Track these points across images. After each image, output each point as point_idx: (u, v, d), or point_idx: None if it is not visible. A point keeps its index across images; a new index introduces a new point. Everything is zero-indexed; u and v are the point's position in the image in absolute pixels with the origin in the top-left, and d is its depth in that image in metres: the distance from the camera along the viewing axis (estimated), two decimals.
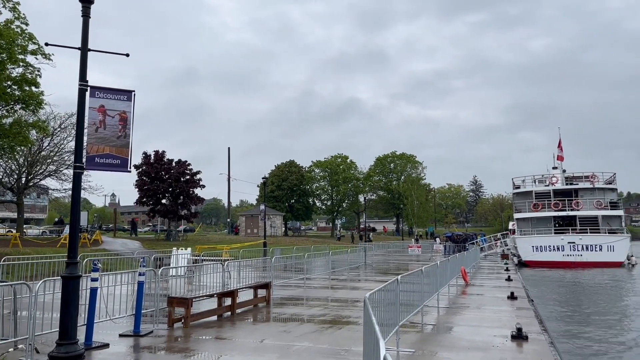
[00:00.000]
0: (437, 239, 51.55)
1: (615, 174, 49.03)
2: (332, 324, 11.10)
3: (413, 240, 61.81)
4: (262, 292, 14.08)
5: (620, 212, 46.81)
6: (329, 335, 9.91)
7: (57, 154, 41.72)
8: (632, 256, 43.94)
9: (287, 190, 77.69)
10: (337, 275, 23.22)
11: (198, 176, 48.38)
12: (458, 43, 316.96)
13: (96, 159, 8.21)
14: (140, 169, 46.39)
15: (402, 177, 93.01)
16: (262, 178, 42.36)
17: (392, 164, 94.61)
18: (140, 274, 10.11)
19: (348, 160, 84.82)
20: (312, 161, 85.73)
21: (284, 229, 76.98)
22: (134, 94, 8.55)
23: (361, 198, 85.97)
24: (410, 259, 38.17)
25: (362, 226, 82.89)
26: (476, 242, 46.01)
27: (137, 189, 46.58)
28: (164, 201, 47.40)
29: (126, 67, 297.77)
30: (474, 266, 28.06)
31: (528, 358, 8.28)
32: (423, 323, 11.02)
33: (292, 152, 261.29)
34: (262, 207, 47.17)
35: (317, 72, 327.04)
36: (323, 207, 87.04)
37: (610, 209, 46.08)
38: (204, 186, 48.58)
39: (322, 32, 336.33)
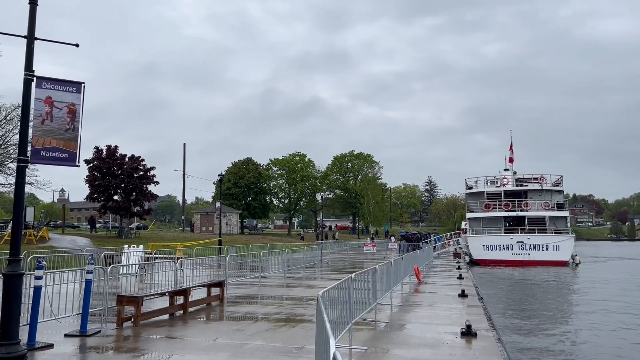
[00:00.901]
0: (392, 238, 52.32)
1: (562, 176, 51.08)
2: (286, 322, 11.08)
3: (368, 238, 62.48)
4: (215, 291, 13.90)
5: (566, 213, 48.79)
6: (282, 333, 9.88)
7: (2, 147, 39.90)
8: (576, 255, 45.85)
9: (244, 188, 77.03)
10: (293, 273, 23.19)
11: (152, 172, 47.29)
12: (416, 46, 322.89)
13: (42, 152, 7.89)
14: (91, 164, 44.92)
15: (359, 177, 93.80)
16: (219, 175, 41.79)
17: (349, 163, 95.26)
18: (88, 272, 9.79)
19: (306, 159, 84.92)
20: (269, 159, 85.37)
21: (240, 226, 76.31)
22: (84, 86, 8.26)
23: (318, 197, 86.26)
24: (366, 257, 38.56)
25: (326, 224, 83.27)
26: (430, 241, 46.97)
27: (87, 185, 45.09)
28: (115, 197, 46.06)
29: (82, 60, 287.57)
30: (427, 265, 28.60)
31: (476, 354, 8.50)
32: (376, 321, 11.14)
33: (252, 150, 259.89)
34: (218, 204, 46.60)
35: (279, 71, 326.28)
36: (280, 205, 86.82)
37: (557, 210, 47.94)
38: (157, 182, 47.52)
39: (283, 30, 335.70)
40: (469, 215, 51.31)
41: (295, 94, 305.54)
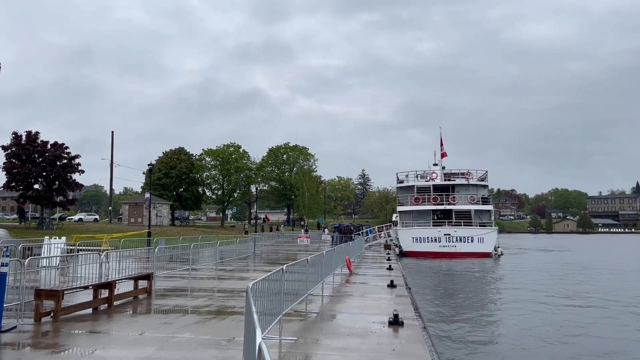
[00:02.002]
0: (325, 230, 52.89)
1: (487, 171, 53.57)
2: (216, 314, 10.95)
3: (302, 230, 62.81)
4: (143, 284, 13.51)
5: (490, 207, 51.23)
6: (212, 325, 9.76)
7: None
8: (498, 247, 48.28)
9: (176, 178, 75.05)
10: (225, 265, 22.94)
11: (77, 160, 45.11)
12: (353, 41, 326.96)
13: None
14: (9, 151, 42.24)
15: (294, 169, 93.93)
16: (148, 165, 40.48)
17: (284, 155, 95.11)
18: (2, 264, 9.21)
19: (241, 150, 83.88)
20: (202, 149, 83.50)
21: (171, 218, 74.38)
22: None
23: (253, 188, 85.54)
24: (299, 249, 38.76)
25: (260, 216, 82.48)
26: (362, 233, 47.87)
27: (4, 173, 42.35)
28: (36, 186, 43.59)
29: (2, 40, 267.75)
30: (358, 256, 29.15)
31: (402, 342, 8.77)
32: (307, 311, 11.24)
33: (188, 141, 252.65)
34: (147, 195, 45.16)
35: (218, 60, 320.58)
36: (213, 196, 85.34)
37: (482, 204, 50.18)
38: (83, 171, 45.40)
39: (220, 19, 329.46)
40: (399, 208, 52.67)
41: (235, 85, 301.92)
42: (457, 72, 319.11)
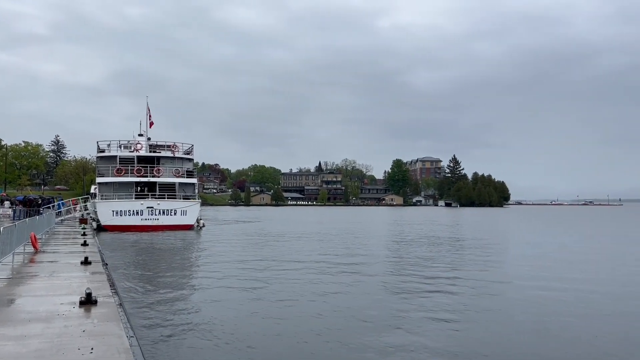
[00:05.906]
0: (6, 203, 45.69)
1: (193, 145, 54.35)
2: None
3: None
4: None
5: (194, 180, 52.24)
6: None
7: None
8: (201, 219, 49.80)
9: None
10: None
11: None
12: None
13: None
14: None
15: None
16: None
17: None
18: None
19: None
20: None
21: None
22: None
23: None
24: None
25: None
26: (53, 206, 43.06)
27: None
28: None
29: None
30: (47, 232, 26.22)
31: (95, 322, 8.21)
32: None
33: None
34: None
35: None
36: None
37: (187, 177, 50.79)
38: None
39: None
40: (99, 179, 49.08)
41: None
42: (169, 43, 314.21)
